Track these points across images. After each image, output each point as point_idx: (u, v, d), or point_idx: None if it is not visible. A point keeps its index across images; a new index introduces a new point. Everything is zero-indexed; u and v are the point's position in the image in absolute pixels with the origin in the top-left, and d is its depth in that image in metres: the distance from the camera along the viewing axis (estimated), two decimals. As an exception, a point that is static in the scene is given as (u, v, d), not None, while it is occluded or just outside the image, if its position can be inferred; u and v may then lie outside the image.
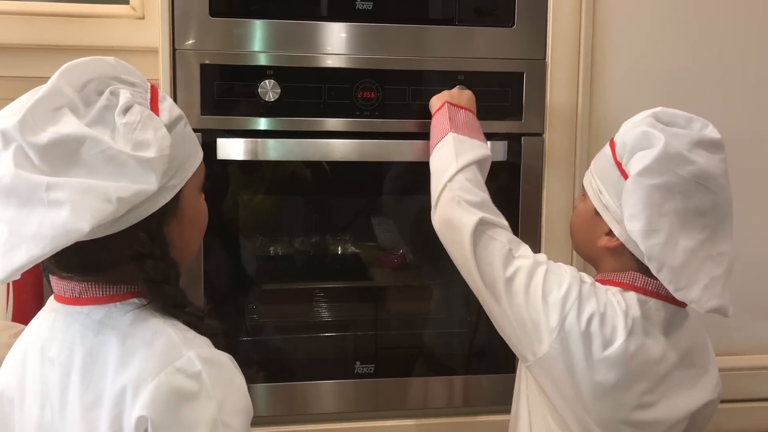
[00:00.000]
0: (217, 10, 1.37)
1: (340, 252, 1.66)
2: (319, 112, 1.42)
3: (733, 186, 1.16)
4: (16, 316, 1.70)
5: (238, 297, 1.54)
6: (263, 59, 1.39)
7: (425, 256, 1.67)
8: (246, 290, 1.57)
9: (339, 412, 1.51)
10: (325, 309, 1.63)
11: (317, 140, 1.42)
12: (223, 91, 1.39)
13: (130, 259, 0.89)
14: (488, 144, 1.34)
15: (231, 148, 1.38)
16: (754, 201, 1.57)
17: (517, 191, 1.49)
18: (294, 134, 1.41)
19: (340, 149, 1.43)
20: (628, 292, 1.15)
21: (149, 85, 0.95)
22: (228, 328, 1.42)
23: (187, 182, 0.95)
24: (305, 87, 1.41)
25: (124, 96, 0.88)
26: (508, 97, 1.46)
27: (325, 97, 1.41)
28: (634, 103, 1.50)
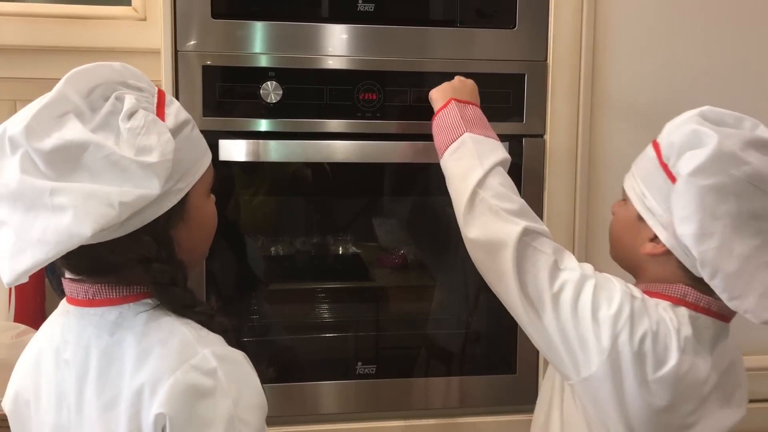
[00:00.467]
0: (218, 12, 1.37)
1: (341, 252, 1.66)
2: (321, 114, 1.42)
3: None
4: (18, 317, 1.70)
5: (240, 297, 1.54)
6: (265, 61, 1.39)
7: (426, 256, 1.67)
8: (247, 291, 1.57)
9: (340, 412, 1.51)
10: (326, 309, 1.63)
11: (319, 141, 1.42)
12: (224, 93, 1.39)
13: (137, 262, 0.90)
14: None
15: (233, 150, 1.39)
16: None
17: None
18: (295, 135, 1.41)
19: (342, 150, 1.43)
20: (678, 307, 1.08)
21: (156, 90, 0.95)
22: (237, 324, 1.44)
23: (194, 185, 0.96)
24: (307, 88, 1.41)
25: (129, 101, 0.89)
26: (510, 98, 1.46)
27: (327, 98, 1.42)
28: (636, 105, 1.51)
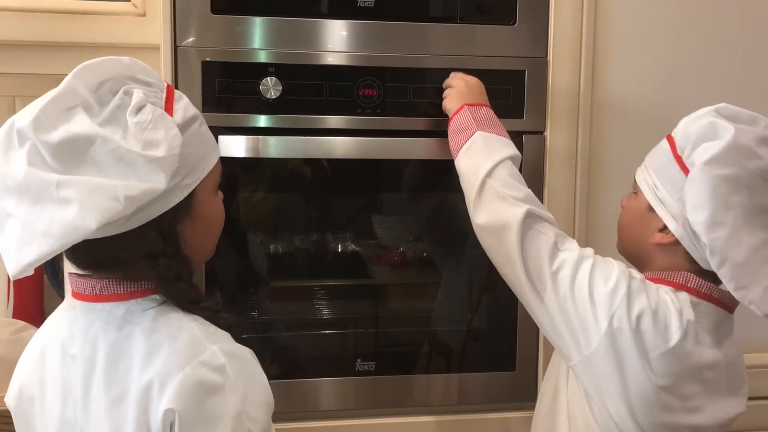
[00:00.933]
0: (218, 7, 1.37)
1: (340, 250, 1.66)
2: (321, 110, 1.41)
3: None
4: (16, 313, 1.70)
5: (239, 294, 1.54)
6: (264, 56, 1.39)
7: (426, 253, 1.67)
8: (246, 288, 1.57)
9: (340, 409, 1.51)
10: (325, 306, 1.63)
11: (318, 138, 1.42)
12: (224, 88, 1.39)
13: (143, 257, 0.90)
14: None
15: (232, 146, 1.38)
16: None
17: (518, 189, 1.49)
18: (295, 131, 1.41)
19: (342, 147, 1.43)
20: (680, 292, 1.11)
21: (165, 85, 0.95)
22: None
23: (201, 182, 0.95)
24: (307, 84, 1.41)
25: (137, 95, 0.89)
26: (510, 95, 1.46)
27: (327, 94, 1.41)
28: (635, 102, 1.51)
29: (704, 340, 1.10)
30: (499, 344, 1.56)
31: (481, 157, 1.23)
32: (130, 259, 0.91)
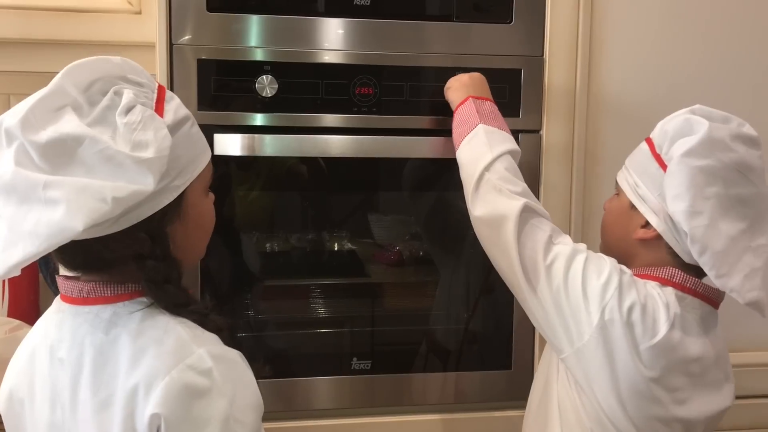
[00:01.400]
0: (214, 5, 1.37)
1: (336, 248, 1.66)
2: (317, 108, 1.41)
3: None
4: (11, 312, 1.69)
5: (234, 293, 1.54)
6: (260, 55, 1.39)
7: (422, 252, 1.67)
8: (242, 287, 1.57)
9: (335, 408, 1.51)
10: (321, 305, 1.63)
11: (314, 136, 1.42)
12: (220, 87, 1.39)
13: (131, 258, 0.90)
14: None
15: (228, 144, 1.38)
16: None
17: (514, 188, 1.48)
18: (291, 130, 1.41)
19: (338, 145, 1.43)
20: (666, 287, 1.14)
21: (157, 85, 0.95)
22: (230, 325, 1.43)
23: (192, 183, 0.95)
24: (302, 83, 1.40)
25: (127, 96, 0.88)
26: (506, 93, 1.46)
27: (323, 93, 1.41)
28: (631, 100, 1.51)
29: (690, 333, 1.13)
30: (496, 343, 1.56)
31: (481, 149, 1.25)
32: (119, 261, 0.90)
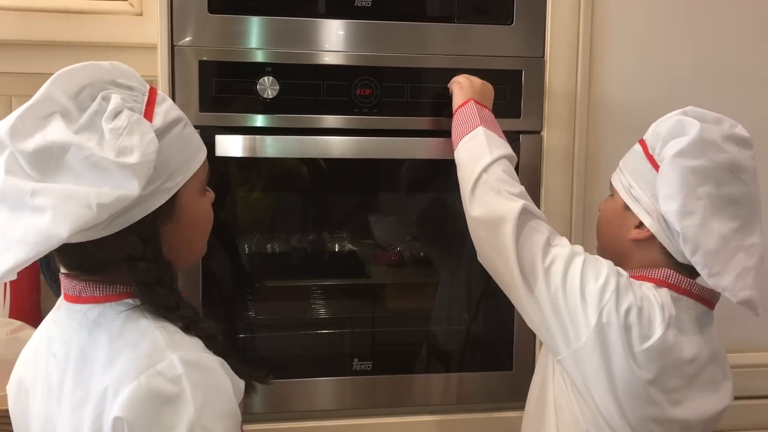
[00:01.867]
0: (215, 7, 1.37)
1: (337, 249, 1.66)
2: (318, 109, 1.41)
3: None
4: (13, 313, 1.69)
5: (236, 294, 1.54)
6: (261, 56, 1.39)
7: (423, 253, 1.67)
8: (243, 287, 1.57)
9: (337, 409, 1.51)
10: (322, 306, 1.63)
11: (315, 137, 1.42)
12: (221, 88, 1.39)
13: (123, 261, 0.90)
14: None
15: (229, 145, 1.38)
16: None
17: (515, 189, 1.49)
18: (292, 131, 1.41)
19: (339, 146, 1.43)
20: (661, 288, 1.15)
21: (148, 88, 0.95)
22: (227, 328, 1.43)
23: (186, 184, 0.95)
24: (304, 84, 1.41)
25: (114, 101, 0.88)
26: (507, 94, 1.46)
27: (324, 94, 1.41)
28: (632, 102, 1.51)
29: (685, 334, 1.13)
30: (496, 344, 1.56)
31: (480, 150, 1.25)
32: (111, 262, 0.91)
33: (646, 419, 1.12)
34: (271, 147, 1.41)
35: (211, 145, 1.37)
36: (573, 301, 1.11)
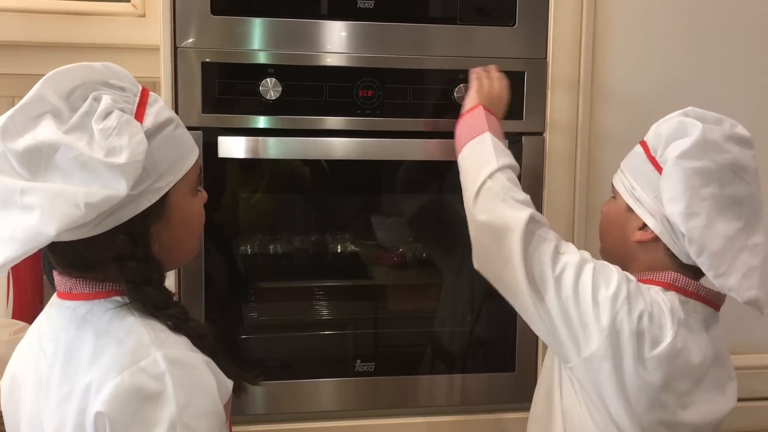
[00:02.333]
0: (218, 8, 1.37)
1: (339, 250, 1.66)
2: (320, 111, 1.42)
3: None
4: (16, 314, 1.70)
5: (238, 295, 1.54)
6: (264, 57, 1.39)
7: (426, 254, 1.67)
8: (246, 288, 1.57)
9: (339, 410, 1.51)
10: (324, 307, 1.63)
11: (318, 139, 1.42)
12: (224, 89, 1.39)
13: (113, 259, 0.91)
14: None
15: (232, 146, 1.38)
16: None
17: (517, 190, 1.49)
18: (295, 132, 1.41)
19: (341, 148, 1.43)
20: (669, 291, 1.15)
21: (140, 89, 0.95)
22: (222, 329, 1.43)
23: (176, 184, 0.95)
24: (306, 85, 1.41)
25: (105, 102, 0.89)
26: (509, 96, 1.46)
27: (326, 95, 1.41)
28: (634, 103, 1.51)
29: (694, 336, 1.13)
30: (499, 345, 1.56)
31: (486, 156, 1.25)
32: (101, 261, 0.92)
33: (658, 423, 1.12)
34: (274, 148, 1.41)
35: (213, 147, 1.37)
36: (584, 309, 1.10)
